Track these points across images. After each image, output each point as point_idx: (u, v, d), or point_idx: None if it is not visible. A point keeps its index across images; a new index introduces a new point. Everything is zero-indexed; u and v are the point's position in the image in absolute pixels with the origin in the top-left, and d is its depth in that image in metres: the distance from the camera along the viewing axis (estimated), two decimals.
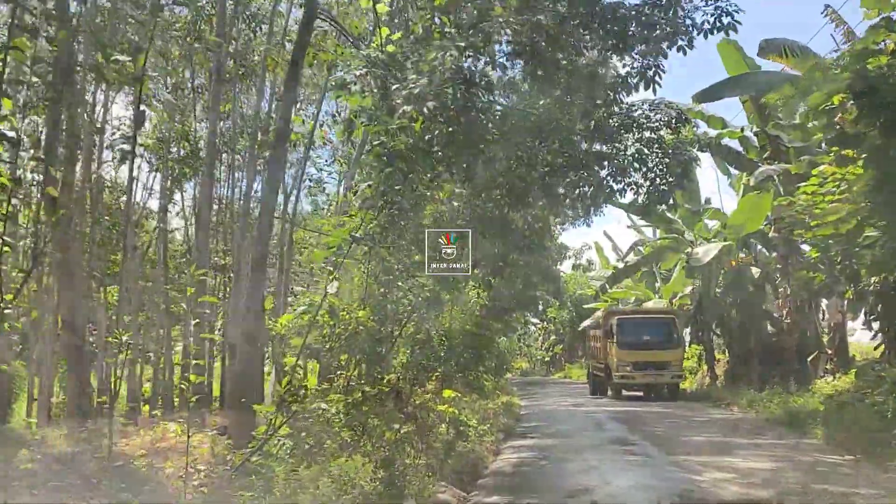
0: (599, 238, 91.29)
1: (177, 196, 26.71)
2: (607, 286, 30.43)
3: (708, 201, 28.42)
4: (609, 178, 17.88)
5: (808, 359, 21.38)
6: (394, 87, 10.34)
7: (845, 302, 21.08)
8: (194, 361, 13.35)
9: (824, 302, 24.13)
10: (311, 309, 7.07)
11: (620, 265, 33.42)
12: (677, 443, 12.91)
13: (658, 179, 17.77)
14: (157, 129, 25.83)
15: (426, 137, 10.35)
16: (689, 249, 26.26)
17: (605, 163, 17.47)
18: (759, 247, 26.26)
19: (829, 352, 21.10)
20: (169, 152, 24.42)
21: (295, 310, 10.54)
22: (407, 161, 10.28)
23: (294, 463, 6.44)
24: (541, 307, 54.58)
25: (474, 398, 20.16)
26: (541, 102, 15.28)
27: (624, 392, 26.37)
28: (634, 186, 17.87)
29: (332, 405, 7.32)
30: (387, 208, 10.41)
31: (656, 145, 17.54)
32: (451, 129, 10.65)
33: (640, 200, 17.86)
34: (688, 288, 28.95)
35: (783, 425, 15.02)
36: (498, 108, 12.89)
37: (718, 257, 24.41)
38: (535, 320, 64.47)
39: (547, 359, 71.22)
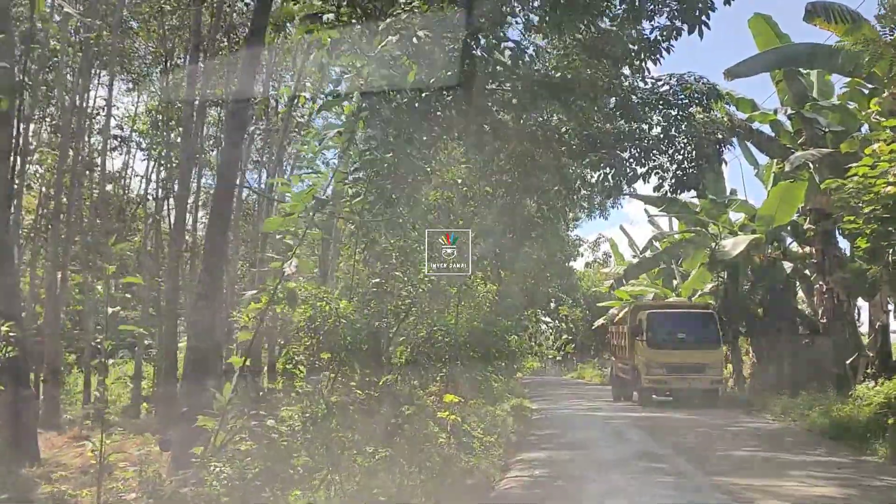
0: (615, 234, 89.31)
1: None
2: (623, 281, 28.57)
3: (733, 193, 26.52)
4: (632, 160, 16.19)
5: (848, 362, 19.54)
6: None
7: (889, 300, 19.27)
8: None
9: (860, 300, 22.43)
10: (268, 293, 5.35)
11: (636, 261, 31.55)
12: (715, 459, 11.16)
13: (686, 162, 16.06)
14: (151, 113, 24.36)
15: (423, 95, 8.69)
16: (714, 243, 24.42)
17: (628, 143, 15.76)
18: (790, 241, 24.38)
19: (871, 355, 19.26)
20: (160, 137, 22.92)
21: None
22: (399, 124, 8.62)
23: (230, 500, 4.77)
24: (553, 304, 52.99)
25: (482, 402, 18.46)
26: (555, 66, 13.62)
27: (654, 397, 22.64)
28: (660, 170, 16.20)
29: (290, 419, 5.66)
30: (377, 179, 8.75)
31: (685, 124, 15.82)
32: (450, 88, 9.04)
33: (665, 186, 16.15)
34: (708, 285, 27.12)
35: (830, 437, 13.24)
36: (505, 62, 11.04)
37: (746, 251, 22.59)
38: (546, 319, 62.95)
39: (559, 358, 69.59)
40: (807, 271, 21.86)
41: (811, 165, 20.64)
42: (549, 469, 10.92)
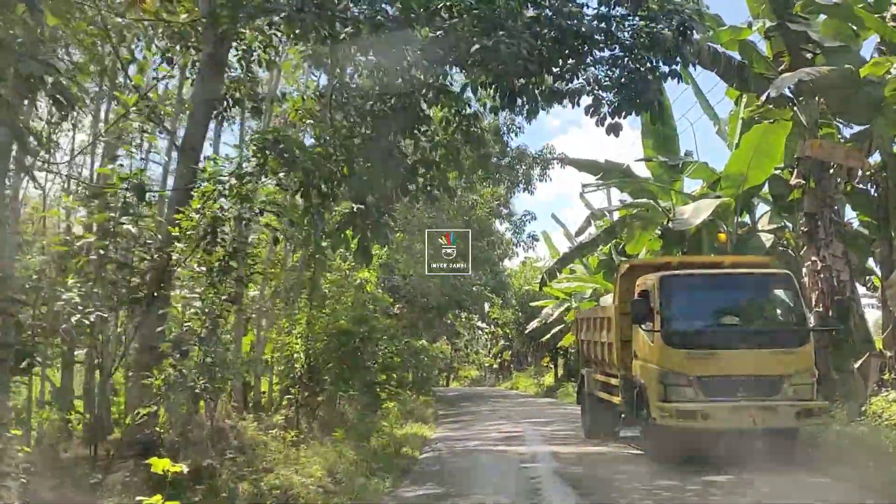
0: (548, 226, 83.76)
1: None
2: (557, 272, 22.80)
3: (688, 154, 21.08)
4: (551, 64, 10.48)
5: (857, 364, 14.16)
6: None
7: None
8: None
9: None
10: None
11: (569, 249, 25.74)
12: None
13: (635, 62, 10.42)
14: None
15: None
16: (666, 219, 18.91)
17: (544, 33, 10.05)
18: (765, 208, 19.09)
19: (889, 355, 13.91)
20: None
21: None
22: None
23: None
24: (487, 308, 47.37)
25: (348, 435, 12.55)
26: None
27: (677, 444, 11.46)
28: (594, 82, 10.56)
29: None
30: None
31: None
32: None
33: (604, 107, 10.48)
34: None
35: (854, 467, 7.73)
36: None
37: (710, 221, 17.16)
38: (482, 325, 58.00)
39: (495, 366, 64.51)
40: (799, 244, 16.33)
41: (796, 100, 15.31)
42: None
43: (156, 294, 8.26)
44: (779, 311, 12.42)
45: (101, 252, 7.48)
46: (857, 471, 9.48)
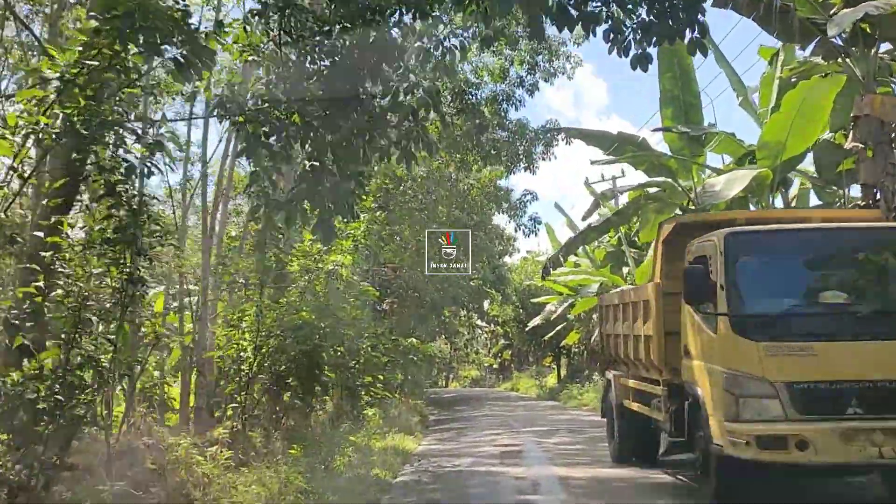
0: (550, 217, 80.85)
1: None
2: (561, 259, 20.18)
3: (713, 126, 18.48)
4: None
5: None
6: None
7: None
8: None
9: None
10: None
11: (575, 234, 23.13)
12: None
13: None
14: None
15: None
16: (691, 196, 16.37)
17: None
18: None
19: None
20: None
21: None
22: None
23: None
24: (486, 305, 44.95)
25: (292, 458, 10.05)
26: None
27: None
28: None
29: None
30: None
31: None
32: None
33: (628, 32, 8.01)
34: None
35: None
36: None
37: (744, 196, 14.65)
38: (481, 323, 55.84)
39: (496, 366, 62.43)
40: None
41: (849, 51, 12.80)
42: None
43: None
44: None
45: None
46: None
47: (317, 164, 8.87)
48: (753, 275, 8.04)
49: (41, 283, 5.82)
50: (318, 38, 8.90)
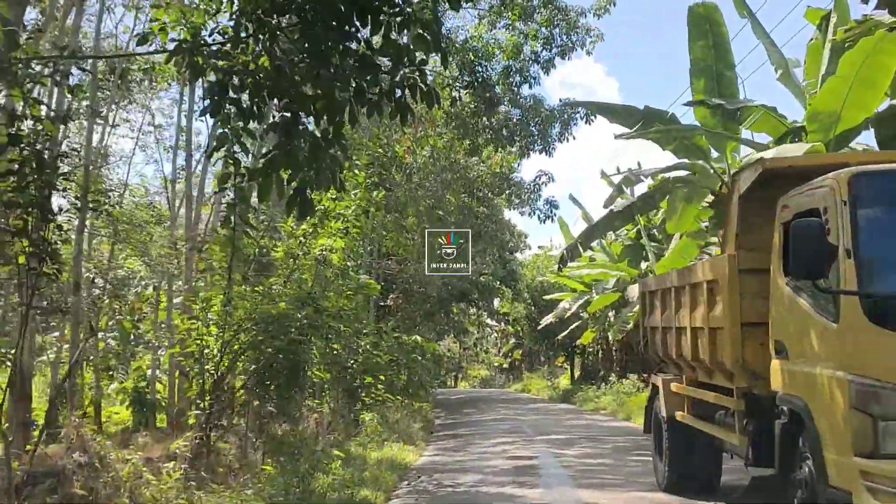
0: (564, 212, 78.68)
1: None
2: (581, 249, 18.37)
3: (750, 101, 16.61)
4: None
5: None
6: None
7: None
8: None
9: None
10: None
11: (595, 222, 21.39)
12: None
13: None
14: None
15: None
16: (724, 180, 14.54)
17: None
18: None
19: None
20: None
21: None
22: None
23: None
24: (497, 303, 43.34)
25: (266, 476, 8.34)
26: None
27: None
28: None
29: None
30: None
31: None
32: None
33: None
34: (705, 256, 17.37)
35: None
36: None
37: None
38: (491, 322, 54.56)
39: (506, 366, 60.93)
40: None
41: None
42: None
43: None
44: None
45: None
46: None
47: (287, 115, 7.13)
48: None
49: None
50: None
